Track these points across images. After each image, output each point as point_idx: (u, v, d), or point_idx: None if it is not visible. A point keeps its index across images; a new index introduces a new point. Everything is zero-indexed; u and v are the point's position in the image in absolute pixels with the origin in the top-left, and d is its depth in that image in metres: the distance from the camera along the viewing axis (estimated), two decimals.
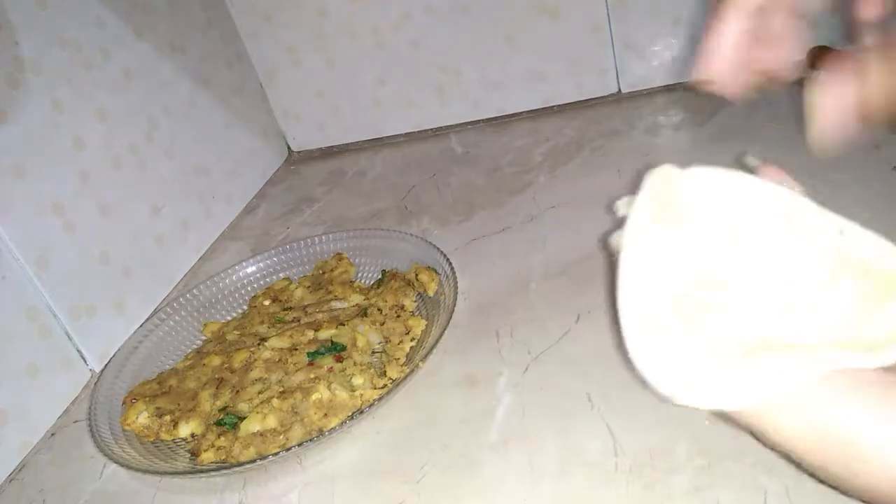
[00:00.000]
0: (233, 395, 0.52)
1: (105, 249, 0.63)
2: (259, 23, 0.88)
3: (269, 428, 0.48)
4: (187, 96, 0.78)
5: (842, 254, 0.31)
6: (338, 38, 0.87)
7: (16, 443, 0.54)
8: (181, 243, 0.74)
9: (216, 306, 0.64)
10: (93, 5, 0.66)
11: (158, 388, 0.55)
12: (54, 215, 0.59)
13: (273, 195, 0.87)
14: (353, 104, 0.91)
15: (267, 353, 0.54)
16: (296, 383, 0.51)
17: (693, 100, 0.44)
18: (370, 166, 0.88)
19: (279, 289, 0.64)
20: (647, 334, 0.30)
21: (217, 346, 0.58)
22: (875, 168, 0.59)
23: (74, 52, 0.63)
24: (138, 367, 0.58)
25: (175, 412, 0.52)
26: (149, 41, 0.72)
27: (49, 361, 0.57)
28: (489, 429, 0.45)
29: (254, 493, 0.46)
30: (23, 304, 0.55)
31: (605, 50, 0.82)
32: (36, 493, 0.51)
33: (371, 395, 0.49)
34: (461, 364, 0.51)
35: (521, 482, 0.41)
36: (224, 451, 0.48)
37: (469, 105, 0.88)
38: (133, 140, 0.69)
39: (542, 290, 0.56)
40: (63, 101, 0.61)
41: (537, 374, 0.48)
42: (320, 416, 0.48)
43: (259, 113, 0.91)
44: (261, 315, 0.61)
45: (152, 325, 0.61)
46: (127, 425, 0.52)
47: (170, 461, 0.48)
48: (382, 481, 0.44)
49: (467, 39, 0.84)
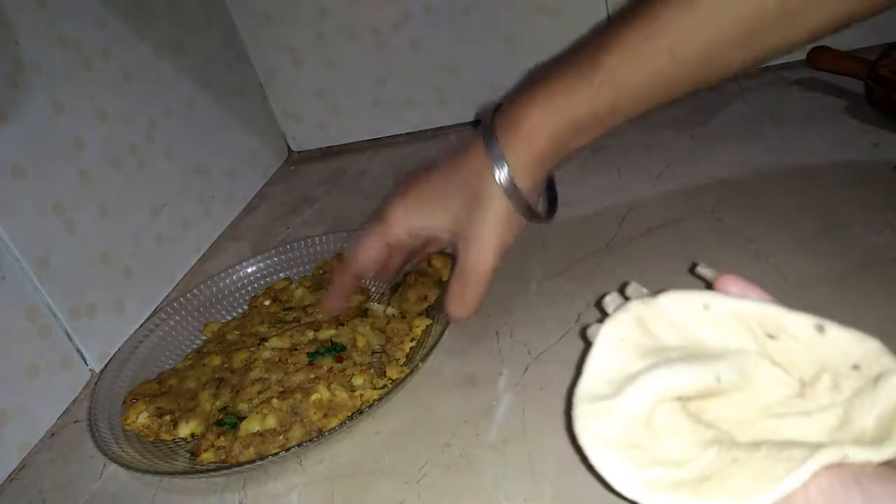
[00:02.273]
0: (233, 395, 0.52)
1: (105, 249, 0.63)
2: (259, 23, 0.88)
3: (268, 428, 0.48)
4: (187, 96, 0.78)
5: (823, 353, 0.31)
6: (338, 38, 0.87)
7: (16, 443, 0.54)
8: (181, 243, 0.74)
9: (216, 306, 0.64)
10: (93, 5, 0.66)
11: (158, 388, 0.55)
12: (54, 215, 0.59)
13: (273, 195, 0.87)
14: (353, 104, 0.91)
15: (267, 353, 0.54)
16: (296, 383, 0.51)
17: (693, 99, 0.44)
18: (370, 166, 0.88)
19: (279, 289, 0.64)
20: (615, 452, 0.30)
21: (217, 346, 0.58)
22: (875, 168, 0.59)
23: (74, 52, 0.63)
24: (138, 367, 0.58)
25: (175, 412, 0.52)
26: (149, 41, 0.72)
27: (49, 361, 0.57)
28: (489, 429, 0.45)
29: (254, 493, 0.46)
30: (22, 304, 0.55)
31: None
32: (36, 493, 0.51)
33: (371, 396, 0.49)
34: (461, 364, 0.51)
35: (521, 482, 0.41)
36: (224, 451, 0.48)
37: (469, 105, 0.88)
38: (133, 140, 0.69)
39: (542, 290, 0.56)
40: (63, 101, 0.61)
41: (537, 374, 0.48)
42: (320, 417, 0.48)
43: (259, 113, 0.91)
44: (261, 315, 0.61)
45: (152, 325, 0.61)
46: (127, 425, 0.52)
47: (170, 461, 0.48)
48: (382, 481, 0.44)
49: (467, 39, 0.84)
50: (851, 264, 0.49)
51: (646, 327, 0.34)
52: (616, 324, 0.34)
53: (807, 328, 0.31)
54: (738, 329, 0.33)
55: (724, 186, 0.62)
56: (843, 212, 0.55)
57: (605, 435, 0.31)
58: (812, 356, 0.31)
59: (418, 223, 0.50)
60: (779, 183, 0.61)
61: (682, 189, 0.64)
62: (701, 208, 0.60)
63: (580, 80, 0.43)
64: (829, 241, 0.52)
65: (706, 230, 0.57)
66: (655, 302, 0.34)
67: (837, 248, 0.51)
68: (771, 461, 0.28)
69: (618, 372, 0.32)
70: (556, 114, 0.43)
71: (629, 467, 0.30)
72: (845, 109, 0.68)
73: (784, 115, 0.70)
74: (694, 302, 0.34)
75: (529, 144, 0.44)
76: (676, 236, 0.58)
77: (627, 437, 0.31)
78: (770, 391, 0.32)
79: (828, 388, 0.30)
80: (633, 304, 0.34)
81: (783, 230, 0.55)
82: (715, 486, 0.28)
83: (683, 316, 0.34)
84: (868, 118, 0.64)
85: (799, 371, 0.31)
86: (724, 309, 0.33)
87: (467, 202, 0.47)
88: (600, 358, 0.33)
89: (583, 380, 0.33)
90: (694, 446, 0.30)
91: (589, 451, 0.31)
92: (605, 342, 0.33)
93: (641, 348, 0.33)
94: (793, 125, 0.68)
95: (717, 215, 0.59)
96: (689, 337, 0.33)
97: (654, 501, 0.29)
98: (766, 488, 0.27)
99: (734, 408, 0.32)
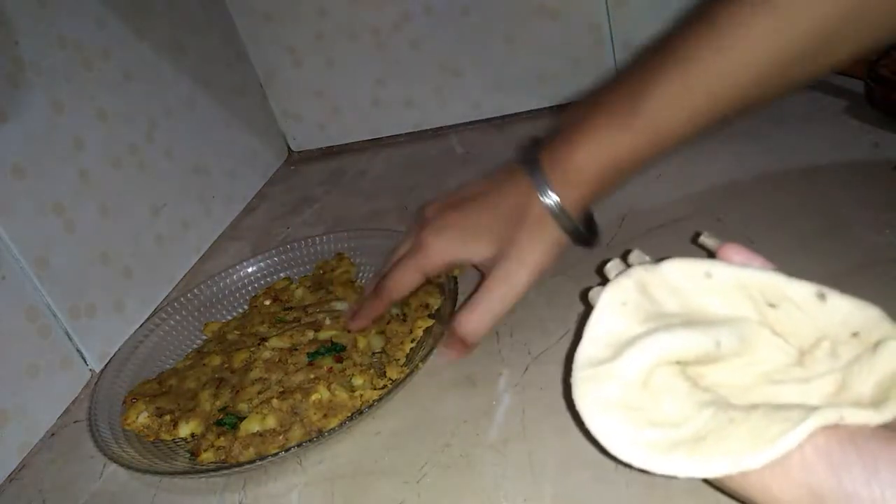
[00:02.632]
0: (233, 395, 0.52)
1: (105, 249, 0.63)
2: (259, 23, 0.88)
3: (268, 428, 0.48)
4: (187, 96, 0.78)
5: (823, 321, 0.31)
6: (338, 38, 0.87)
7: (16, 443, 0.54)
8: (181, 243, 0.74)
9: (216, 306, 0.64)
10: (93, 5, 0.66)
11: (159, 388, 0.55)
12: (54, 215, 0.59)
13: (273, 195, 0.87)
14: (353, 104, 0.91)
15: (267, 353, 0.54)
16: (296, 384, 0.51)
17: None
18: (370, 166, 0.88)
19: (280, 288, 0.64)
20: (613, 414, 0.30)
21: (217, 346, 0.58)
22: (875, 168, 0.59)
23: (74, 52, 0.63)
24: (138, 367, 0.58)
25: (175, 412, 0.52)
26: (149, 41, 0.72)
27: (49, 361, 0.57)
28: (489, 429, 0.45)
29: (254, 493, 0.46)
30: (22, 304, 0.55)
31: (605, 50, 0.82)
32: (36, 493, 0.51)
33: (371, 396, 0.49)
34: (461, 364, 0.51)
35: (521, 482, 0.41)
36: (224, 451, 0.48)
37: (469, 105, 0.88)
38: (133, 140, 0.69)
39: (542, 290, 0.56)
40: (63, 101, 0.61)
41: (537, 374, 0.48)
42: (320, 417, 0.48)
43: (259, 113, 0.91)
44: (261, 315, 0.61)
45: (152, 325, 0.61)
46: (127, 425, 0.52)
47: (170, 461, 0.48)
48: (382, 481, 0.44)
49: (467, 39, 0.84)
50: (851, 264, 0.49)
51: (647, 293, 0.34)
52: (618, 288, 0.34)
53: (808, 296, 0.31)
54: (740, 298, 0.33)
55: (724, 186, 0.62)
56: (843, 212, 0.55)
57: (603, 398, 0.31)
58: (812, 324, 0.31)
59: (460, 255, 0.50)
60: (779, 183, 0.61)
61: (682, 189, 0.64)
62: (701, 208, 0.60)
63: (622, 127, 0.44)
64: (829, 240, 0.52)
65: (706, 230, 0.57)
66: (658, 268, 0.34)
67: (837, 247, 0.51)
68: (768, 421, 0.28)
69: (618, 336, 0.32)
70: (600, 156, 0.44)
71: (626, 430, 0.30)
72: (845, 109, 0.68)
73: (784, 115, 0.70)
74: (696, 270, 0.34)
75: (575, 181, 0.45)
76: (676, 236, 0.58)
77: (625, 399, 0.31)
78: (769, 358, 0.32)
79: (826, 354, 0.30)
80: (635, 269, 0.34)
81: (783, 230, 0.55)
82: (711, 445, 0.28)
83: (685, 283, 0.34)
84: (868, 118, 0.64)
85: (799, 340, 0.32)
86: (727, 277, 0.33)
87: (511, 226, 0.47)
88: (601, 322, 0.33)
89: (583, 344, 0.33)
90: (691, 407, 0.30)
91: (586, 415, 0.31)
92: (607, 306, 0.33)
93: (643, 313, 0.33)
94: (793, 125, 0.68)
95: (717, 215, 0.59)
96: (690, 304, 0.34)
97: (651, 463, 0.29)
98: (763, 448, 0.27)
99: (733, 373, 0.32)
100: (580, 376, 0.32)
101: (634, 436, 0.30)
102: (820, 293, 0.31)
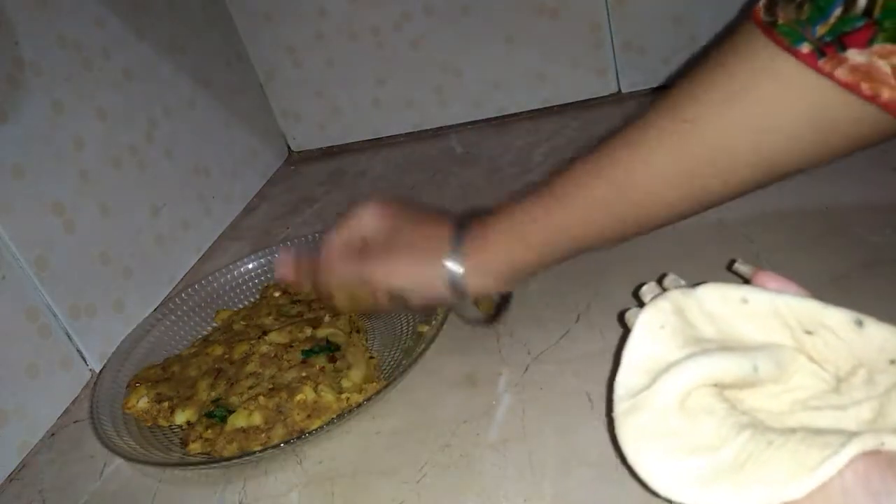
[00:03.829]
0: (227, 386, 0.52)
1: (105, 249, 0.63)
2: (259, 23, 0.88)
3: (253, 425, 0.48)
4: (187, 96, 0.78)
5: (860, 348, 0.31)
6: (338, 38, 0.87)
7: (16, 443, 0.54)
8: (181, 243, 0.74)
9: (229, 293, 0.65)
10: (93, 5, 0.66)
11: (162, 374, 0.56)
12: (54, 215, 0.59)
13: (273, 195, 0.87)
14: (353, 104, 0.91)
15: (265, 347, 0.54)
16: (286, 381, 0.51)
17: None
18: (370, 166, 0.88)
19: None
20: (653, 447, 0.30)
21: (222, 336, 0.58)
22: (876, 169, 0.59)
23: (74, 52, 0.63)
24: (147, 352, 0.59)
25: (174, 399, 0.52)
26: (149, 41, 0.72)
27: (49, 361, 0.57)
28: (489, 428, 0.45)
29: (254, 492, 0.46)
30: (22, 304, 0.55)
31: (605, 50, 0.82)
32: (36, 493, 0.51)
33: (357, 399, 0.49)
34: (461, 364, 0.51)
35: (521, 482, 0.41)
36: (210, 443, 0.48)
37: (469, 105, 0.88)
38: (133, 140, 0.69)
39: (542, 290, 0.56)
40: (63, 101, 0.61)
41: (537, 374, 0.48)
42: (303, 417, 0.48)
43: (259, 113, 0.91)
44: (269, 306, 0.61)
45: (165, 311, 0.62)
46: (128, 408, 0.52)
47: (165, 451, 0.49)
48: (382, 481, 0.44)
49: (467, 39, 0.84)
50: (852, 264, 0.49)
51: (684, 316, 0.33)
52: (656, 310, 0.33)
53: (845, 323, 0.31)
54: (776, 324, 0.32)
55: None
56: (844, 212, 0.55)
57: (642, 427, 0.31)
58: (849, 351, 0.31)
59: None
60: (779, 183, 0.61)
61: None
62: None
63: (535, 206, 0.45)
64: (829, 241, 0.52)
65: (706, 230, 0.57)
66: (694, 293, 0.34)
67: (838, 248, 0.51)
68: (807, 447, 0.27)
69: (657, 361, 0.32)
70: (514, 239, 0.45)
71: (668, 464, 0.29)
72: None
73: None
74: (732, 295, 0.33)
75: (488, 260, 0.45)
76: (677, 236, 0.58)
77: (663, 425, 0.30)
78: (806, 385, 0.31)
79: (863, 382, 0.30)
80: (672, 292, 0.34)
81: (783, 230, 0.55)
82: (751, 473, 0.28)
83: (722, 308, 0.34)
84: None
85: (835, 367, 0.31)
86: (763, 303, 0.33)
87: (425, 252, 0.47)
88: (640, 346, 0.33)
89: (621, 371, 0.33)
90: (729, 428, 0.30)
91: (629, 453, 0.31)
92: (644, 328, 0.33)
93: (681, 337, 0.33)
94: None
95: (717, 215, 0.59)
96: (726, 329, 0.33)
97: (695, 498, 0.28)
98: (805, 476, 0.27)
99: (769, 399, 0.32)
100: (621, 410, 0.32)
101: (676, 469, 0.29)
102: (857, 320, 0.31)
